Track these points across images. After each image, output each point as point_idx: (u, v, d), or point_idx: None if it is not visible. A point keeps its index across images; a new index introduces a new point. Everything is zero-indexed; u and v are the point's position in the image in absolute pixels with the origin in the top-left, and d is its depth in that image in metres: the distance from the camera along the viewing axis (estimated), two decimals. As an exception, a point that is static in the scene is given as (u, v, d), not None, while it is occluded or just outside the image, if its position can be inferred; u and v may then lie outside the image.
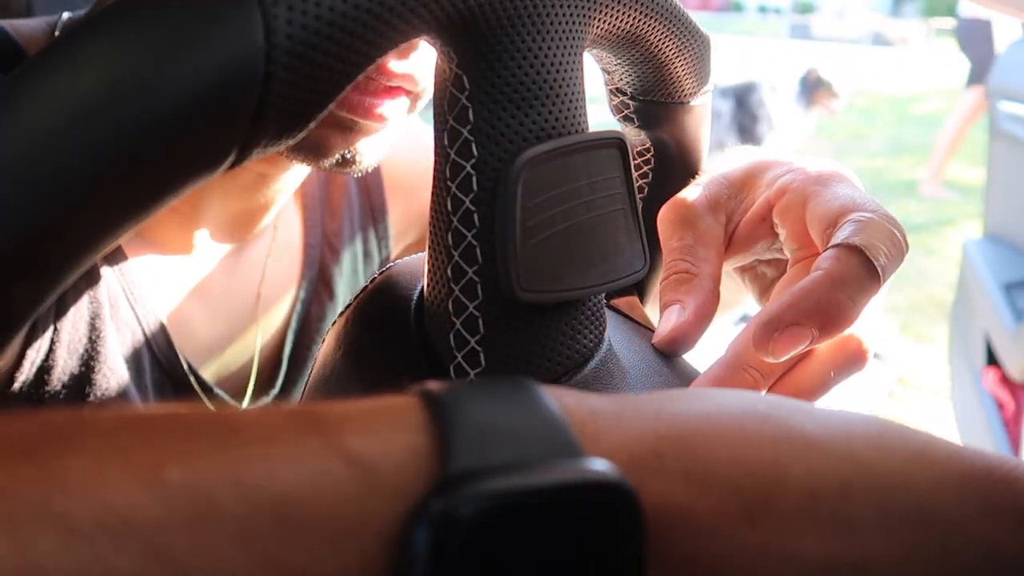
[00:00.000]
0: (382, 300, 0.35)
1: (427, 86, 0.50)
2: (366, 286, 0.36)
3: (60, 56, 0.23)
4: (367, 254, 0.70)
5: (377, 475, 0.18)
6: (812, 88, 3.63)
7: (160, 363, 0.59)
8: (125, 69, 0.23)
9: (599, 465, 0.18)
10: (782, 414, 0.21)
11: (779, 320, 0.32)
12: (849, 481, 0.20)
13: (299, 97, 0.25)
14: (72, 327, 0.53)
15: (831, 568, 0.19)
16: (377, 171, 0.70)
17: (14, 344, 0.49)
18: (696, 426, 0.20)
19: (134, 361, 0.57)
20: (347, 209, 0.69)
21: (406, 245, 0.73)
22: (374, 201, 0.70)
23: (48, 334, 0.52)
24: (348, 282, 0.69)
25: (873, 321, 0.35)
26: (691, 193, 0.40)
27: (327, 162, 0.48)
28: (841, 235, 0.34)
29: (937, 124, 6.97)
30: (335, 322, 0.36)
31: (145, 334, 0.57)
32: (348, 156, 0.48)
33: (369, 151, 0.49)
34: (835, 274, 0.32)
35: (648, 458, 0.19)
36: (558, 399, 0.20)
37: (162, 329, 0.58)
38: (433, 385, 0.20)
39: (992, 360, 1.70)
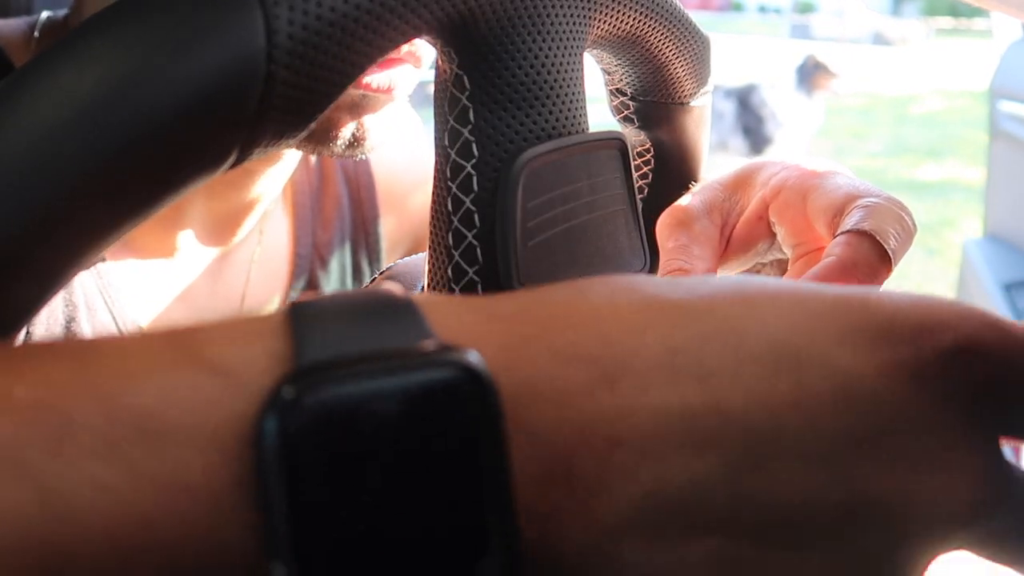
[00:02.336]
0: (382, 300, 0.35)
1: (428, 58, 0.49)
2: (366, 286, 0.36)
3: (62, 56, 0.23)
4: (356, 266, 0.70)
5: (237, 379, 0.18)
6: (811, 73, 3.63)
7: None
8: (127, 69, 0.23)
9: (451, 352, 0.18)
10: (648, 286, 0.21)
11: None
12: (707, 334, 0.20)
13: (300, 97, 0.25)
14: (46, 330, 0.52)
15: (691, 416, 0.19)
16: (370, 182, 0.70)
17: None
18: (564, 309, 0.21)
19: None
20: (338, 220, 0.68)
21: (397, 257, 0.73)
22: (366, 213, 0.70)
23: (21, 337, 0.52)
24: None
25: None
26: (686, 199, 0.41)
27: (337, 146, 0.48)
28: (850, 221, 0.34)
29: (937, 124, 6.98)
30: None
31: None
32: (357, 135, 0.48)
33: (376, 128, 0.49)
34: (847, 259, 0.33)
35: (516, 343, 0.20)
36: (427, 303, 0.21)
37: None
38: (301, 298, 0.20)
39: (992, 360, 1.69)
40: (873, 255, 0.33)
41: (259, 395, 0.18)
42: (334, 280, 0.68)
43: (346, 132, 0.47)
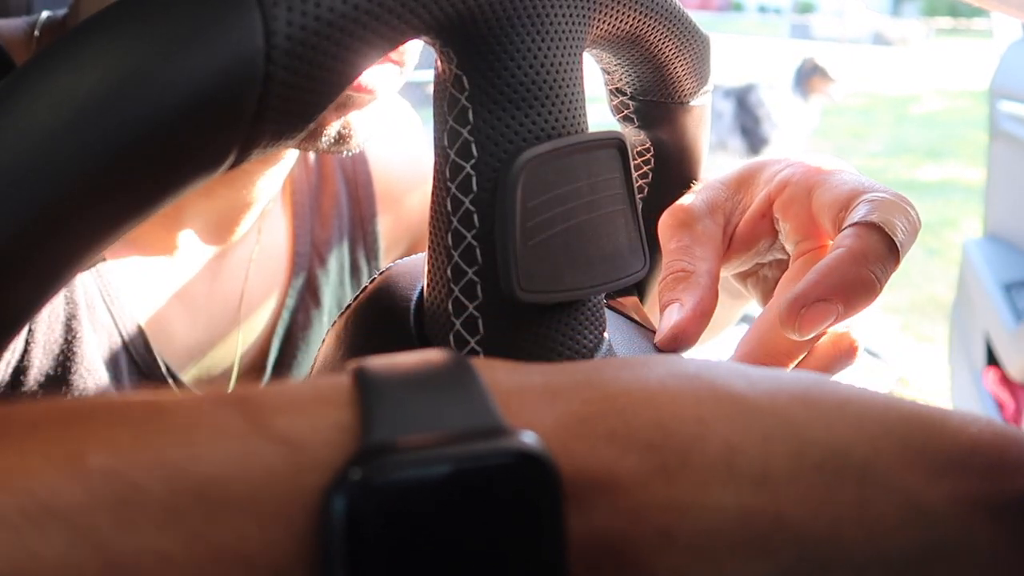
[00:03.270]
0: (382, 301, 0.35)
1: (413, 58, 0.50)
2: (366, 286, 0.36)
3: (60, 56, 0.23)
4: (354, 265, 0.70)
5: (303, 451, 0.18)
6: (808, 76, 3.63)
7: (138, 366, 0.58)
8: (125, 69, 0.23)
9: (516, 436, 0.18)
10: (711, 374, 0.21)
11: (806, 297, 0.32)
12: (770, 435, 0.19)
13: (299, 97, 0.25)
14: (47, 328, 0.53)
15: (747, 520, 0.18)
16: (368, 181, 0.70)
17: None
18: (622, 389, 0.21)
19: (112, 364, 0.56)
20: (336, 218, 0.68)
21: (395, 256, 0.73)
22: (364, 212, 0.70)
23: (23, 335, 0.52)
24: (334, 292, 0.69)
25: (866, 318, 0.36)
26: (688, 199, 0.40)
27: (323, 142, 0.48)
28: (857, 215, 0.34)
29: (937, 124, 6.98)
30: (335, 322, 0.36)
31: (122, 336, 0.57)
32: (343, 132, 0.48)
33: (361, 126, 0.49)
34: (857, 251, 0.33)
35: (574, 425, 0.20)
36: (489, 372, 0.21)
37: (139, 331, 0.58)
38: (366, 362, 0.21)
39: (992, 360, 1.70)
40: (882, 246, 0.33)
41: (325, 470, 0.18)
42: (333, 279, 0.68)
43: (331, 130, 0.47)
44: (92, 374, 0.55)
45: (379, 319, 0.34)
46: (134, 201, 0.25)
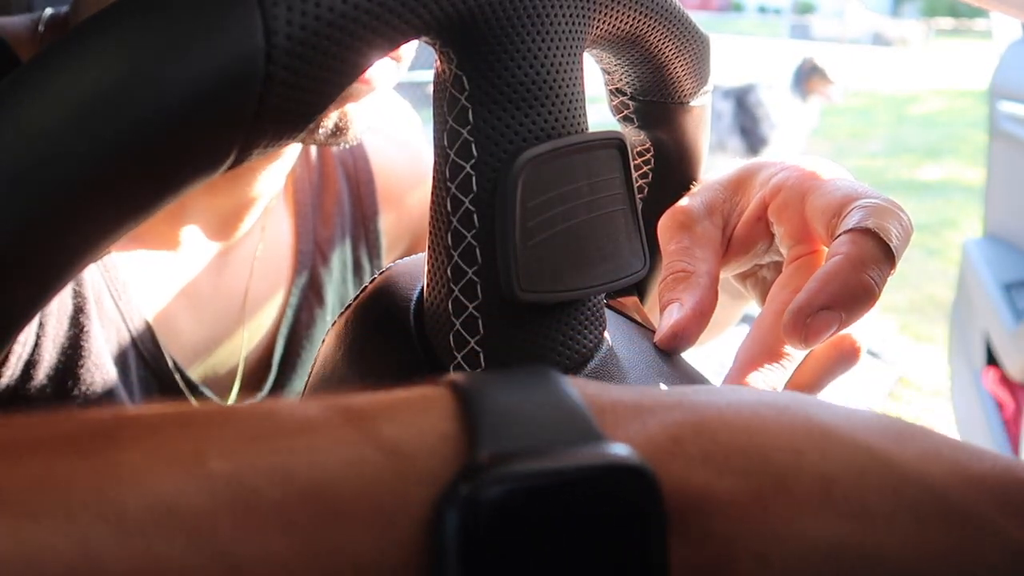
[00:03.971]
0: (382, 300, 0.35)
1: (410, 52, 0.50)
2: (366, 286, 0.36)
3: (61, 56, 0.23)
4: (357, 263, 0.70)
5: (411, 461, 0.18)
6: (806, 76, 3.63)
7: (146, 360, 0.59)
8: (125, 69, 0.23)
9: (619, 449, 0.18)
10: (801, 405, 0.21)
11: (809, 306, 0.33)
12: (865, 469, 0.19)
13: (299, 97, 0.25)
14: (56, 322, 0.53)
15: (840, 552, 0.18)
16: (370, 179, 0.70)
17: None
18: (715, 414, 0.21)
19: (120, 358, 0.57)
20: (339, 216, 0.69)
21: (397, 254, 0.73)
22: (366, 210, 0.70)
23: (34, 328, 0.52)
24: (337, 289, 0.69)
25: (865, 320, 0.36)
26: (687, 200, 0.41)
27: (320, 135, 0.48)
28: (851, 220, 0.34)
29: (937, 124, 6.98)
30: (335, 322, 0.36)
31: (130, 331, 0.57)
32: (340, 124, 0.48)
33: (358, 118, 0.49)
34: (855, 257, 0.33)
35: (667, 443, 0.20)
36: (580, 388, 0.21)
37: (147, 327, 0.58)
38: (463, 377, 0.21)
39: (992, 360, 1.70)
40: (878, 252, 0.33)
41: (432, 481, 0.18)
42: (336, 277, 0.69)
43: (329, 122, 0.48)
44: (100, 368, 0.55)
45: (379, 319, 0.34)
46: (135, 200, 0.25)
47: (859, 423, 0.21)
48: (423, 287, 0.34)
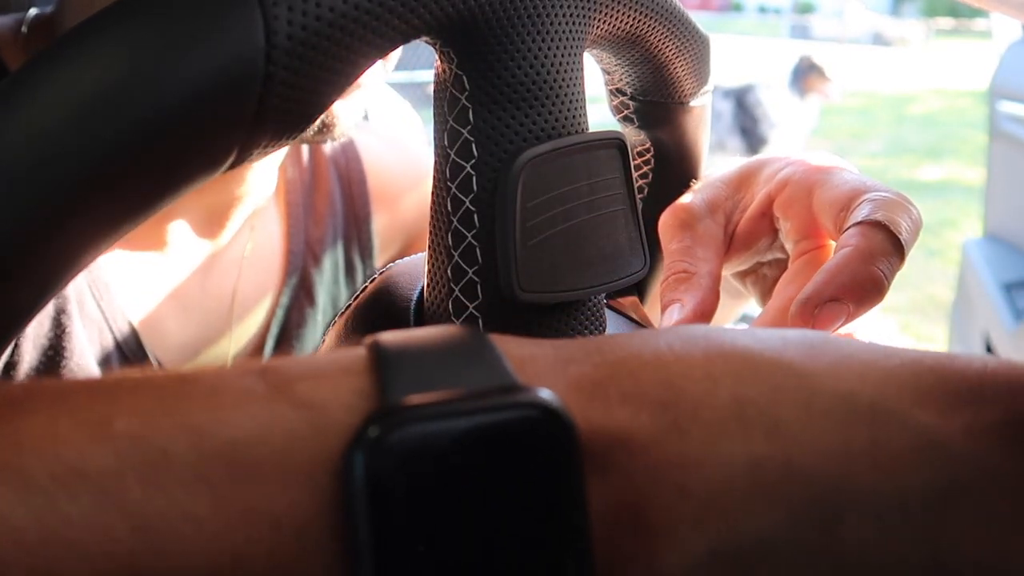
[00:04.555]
0: (382, 300, 0.35)
1: (397, 51, 0.50)
2: (366, 286, 0.36)
3: (60, 56, 0.23)
4: (349, 263, 0.70)
5: (324, 415, 0.18)
6: (804, 75, 3.63)
7: (129, 363, 0.58)
8: (126, 69, 0.23)
9: (533, 392, 0.19)
10: (717, 335, 0.22)
11: (818, 296, 0.33)
12: (777, 386, 0.20)
13: (300, 97, 0.25)
14: (37, 323, 0.52)
15: (759, 469, 0.19)
16: (362, 180, 0.70)
17: None
18: (632, 353, 0.21)
19: (103, 360, 0.56)
20: (331, 217, 0.68)
21: (390, 255, 0.73)
22: (359, 211, 0.70)
23: None
24: (328, 290, 0.69)
25: (869, 318, 0.36)
26: (689, 198, 0.40)
27: (307, 132, 0.48)
28: (860, 213, 0.34)
29: (937, 124, 6.98)
30: (335, 322, 0.36)
31: (113, 332, 0.57)
32: (327, 121, 0.48)
33: (345, 115, 0.49)
34: (864, 249, 0.33)
35: (587, 387, 0.20)
36: (501, 343, 0.21)
37: (130, 328, 0.58)
38: (382, 335, 0.21)
39: (992, 360, 1.69)
40: (888, 245, 0.33)
41: (346, 432, 0.18)
42: (327, 277, 0.68)
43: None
44: (82, 370, 0.54)
45: (379, 319, 0.34)
46: (135, 201, 0.25)
47: (774, 343, 0.21)
48: (423, 287, 0.34)
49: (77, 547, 0.16)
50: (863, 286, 0.32)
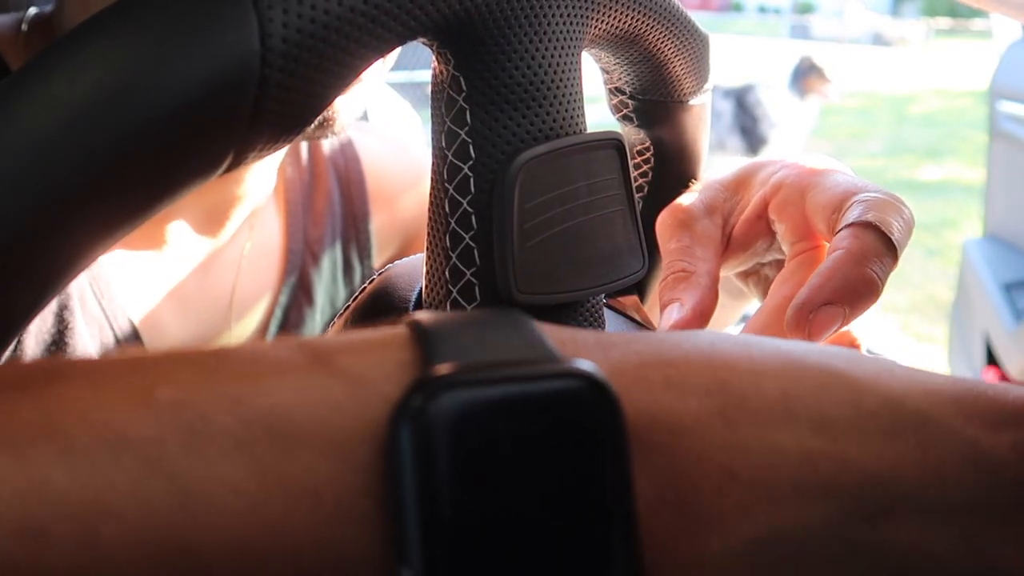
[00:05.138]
0: (381, 301, 0.35)
1: (396, 48, 0.50)
2: (365, 287, 0.36)
3: (55, 60, 0.23)
4: (347, 263, 0.70)
5: (366, 385, 0.18)
6: (804, 75, 3.63)
7: None
8: (121, 73, 0.23)
9: (581, 364, 0.18)
10: (758, 340, 0.22)
11: (811, 302, 0.32)
12: (824, 385, 0.20)
13: (295, 100, 0.25)
14: (40, 318, 0.53)
15: (808, 461, 0.19)
16: (361, 180, 0.70)
17: None
18: (673, 345, 0.21)
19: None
20: (329, 216, 0.69)
21: (388, 255, 0.73)
22: (357, 211, 0.70)
23: None
24: (327, 289, 0.69)
25: (867, 316, 0.36)
26: (687, 198, 0.40)
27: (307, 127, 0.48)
28: (852, 215, 0.34)
29: (937, 124, 6.98)
30: (334, 323, 0.36)
31: (113, 330, 0.57)
32: (327, 116, 0.48)
33: (345, 109, 0.49)
34: (856, 251, 0.33)
35: (630, 370, 0.20)
36: (540, 326, 0.21)
37: (131, 326, 0.58)
38: (422, 314, 0.21)
39: (992, 360, 1.70)
40: (880, 245, 0.33)
41: (388, 404, 0.18)
42: (325, 277, 0.69)
43: None
44: None
45: (378, 320, 0.34)
46: (132, 203, 0.25)
47: (815, 349, 0.21)
48: (421, 288, 0.34)
49: (119, 512, 0.16)
50: (856, 288, 0.32)
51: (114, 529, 0.16)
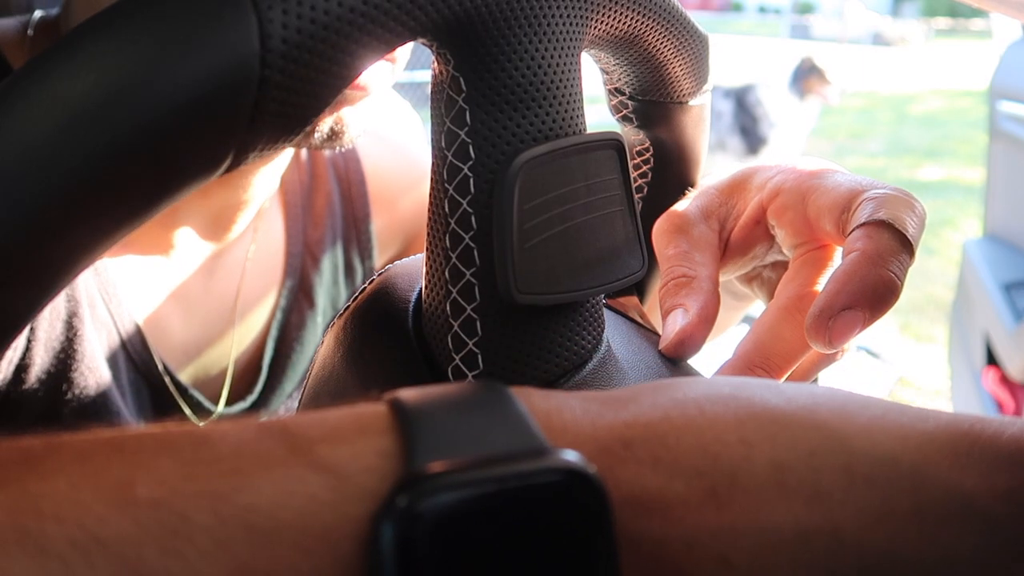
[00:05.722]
0: (380, 302, 0.35)
1: (405, 54, 0.50)
2: (364, 287, 0.36)
3: (55, 61, 0.23)
4: (348, 265, 0.70)
5: (346, 479, 0.18)
6: (804, 76, 3.63)
7: (135, 364, 0.58)
8: (121, 75, 0.23)
9: (564, 455, 0.18)
10: (746, 393, 0.21)
11: (830, 308, 0.32)
12: (815, 449, 0.19)
13: (295, 101, 0.25)
14: (49, 325, 0.53)
15: (803, 539, 0.18)
16: (361, 181, 0.70)
17: None
18: (662, 414, 0.21)
19: (111, 361, 0.57)
20: (329, 218, 0.68)
21: (389, 256, 0.73)
22: (357, 212, 0.70)
23: (25, 332, 0.52)
24: (328, 292, 0.69)
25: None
26: (682, 204, 0.40)
27: (316, 139, 0.48)
28: (863, 214, 0.33)
29: (937, 124, 6.98)
30: (333, 323, 0.36)
31: (120, 334, 0.57)
32: (336, 129, 0.48)
33: (354, 122, 0.49)
34: (872, 252, 0.32)
35: (616, 447, 0.20)
36: (524, 398, 0.21)
37: (136, 329, 0.58)
38: (402, 392, 0.21)
39: (992, 360, 1.69)
40: (895, 243, 0.32)
41: (369, 498, 0.18)
42: (327, 279, 0.68)
43: (324, 126, 0.48)
44: (93, 372, 0.55)
45: (378, 320, 0.34)
46: (131, 204, 0.25)
47: (804, 402, 0.21)
48: (421, 289, 0.34)
49: None
50: (876, 291, 0.31)
51: None
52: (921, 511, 0.19)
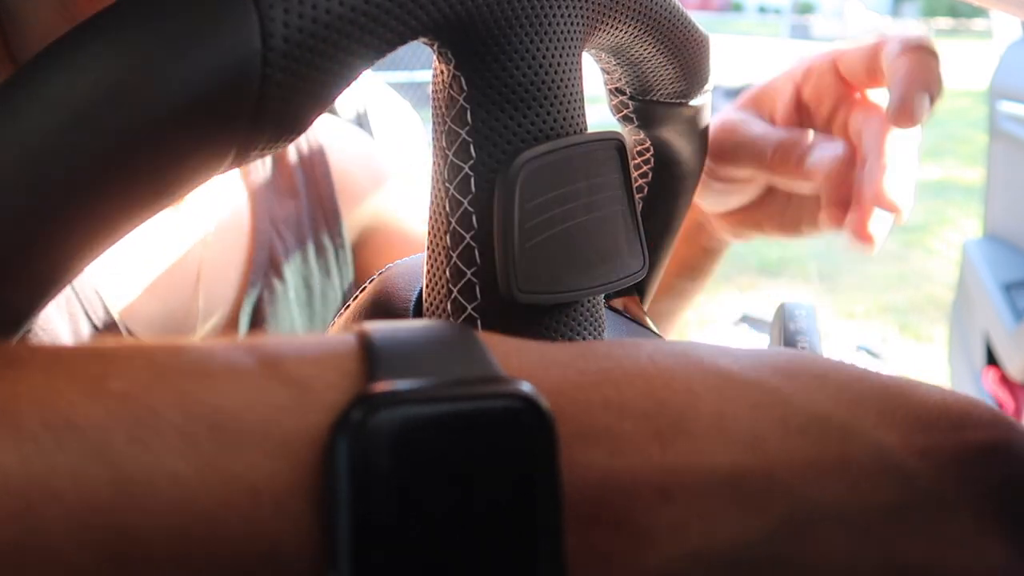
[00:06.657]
0: (381, 301, 0.35)
1: None
2: (365, 286, 0.36)
3: (55, 60, 0.23)
4: (318, 244, 0.70)
5: (310, 392, 0.19)
6: None
7: (99, 331, 0.57)
8: (121, 73, 0.23)
9: (515, 383, 0.19)
10: (698, 352, 0.23)
11: (908, 94, 0.42)
12: (756, 403, 0.21)
13: (296, 99, 0.25)
14: None
15: (739, 479, 0.20)
16: (324, 162, 0.70)
17: None
18: (615, 363, 0.22)
19: (72, 329, 0.56)
20: (294, 197, 0.69)
21: (359, 232, 0.73)
22: (322, 190, 0.70)
23: None
24: (298, 270, 0.69)
25: (863, 317, 0.39)
26: (725, 114, 0.54)
27: (309, 125, 0.49)
28: (893, 49, 0.44)
29: (937, 124, 6.97)
30: (333, 322, 0.36)
31: (81, 302, 0.56)
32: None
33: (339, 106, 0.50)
34: (915, 57, 0.43)
35: (568, 388, 0.21)
36: (486, 338, 0.22)
37: (98, 298, 0.57)
38: (371, 323, 0.22)
39: (992, 360, 1.70)
40: (930, 56, 0.43)
41: (329, 409, 0.19)
42: (296, 257, 0.68)
43: None
44: (50, 337, 0.54)
45: (378, 319, 0.34)
46: (132, 203, 0.25)
47: (751, 363, 0.22)
48: (421, 288, 0.34)
49: (60, 494, 0.17)
50: (929, 77, 0.42)
51: (54, 510, 0.17)
52: (846, 462, 0.20)
